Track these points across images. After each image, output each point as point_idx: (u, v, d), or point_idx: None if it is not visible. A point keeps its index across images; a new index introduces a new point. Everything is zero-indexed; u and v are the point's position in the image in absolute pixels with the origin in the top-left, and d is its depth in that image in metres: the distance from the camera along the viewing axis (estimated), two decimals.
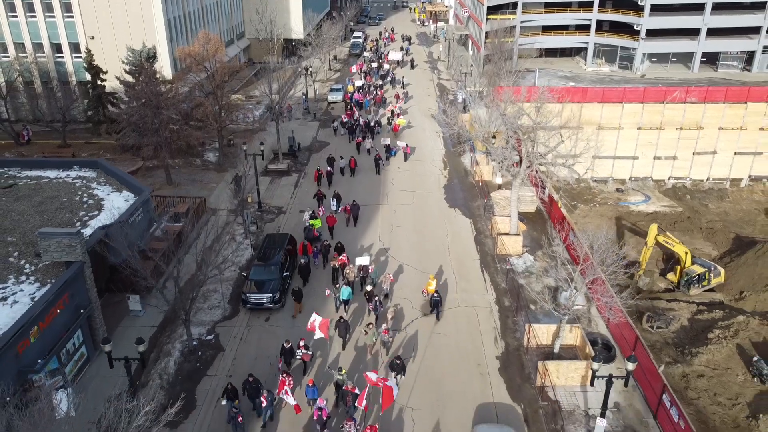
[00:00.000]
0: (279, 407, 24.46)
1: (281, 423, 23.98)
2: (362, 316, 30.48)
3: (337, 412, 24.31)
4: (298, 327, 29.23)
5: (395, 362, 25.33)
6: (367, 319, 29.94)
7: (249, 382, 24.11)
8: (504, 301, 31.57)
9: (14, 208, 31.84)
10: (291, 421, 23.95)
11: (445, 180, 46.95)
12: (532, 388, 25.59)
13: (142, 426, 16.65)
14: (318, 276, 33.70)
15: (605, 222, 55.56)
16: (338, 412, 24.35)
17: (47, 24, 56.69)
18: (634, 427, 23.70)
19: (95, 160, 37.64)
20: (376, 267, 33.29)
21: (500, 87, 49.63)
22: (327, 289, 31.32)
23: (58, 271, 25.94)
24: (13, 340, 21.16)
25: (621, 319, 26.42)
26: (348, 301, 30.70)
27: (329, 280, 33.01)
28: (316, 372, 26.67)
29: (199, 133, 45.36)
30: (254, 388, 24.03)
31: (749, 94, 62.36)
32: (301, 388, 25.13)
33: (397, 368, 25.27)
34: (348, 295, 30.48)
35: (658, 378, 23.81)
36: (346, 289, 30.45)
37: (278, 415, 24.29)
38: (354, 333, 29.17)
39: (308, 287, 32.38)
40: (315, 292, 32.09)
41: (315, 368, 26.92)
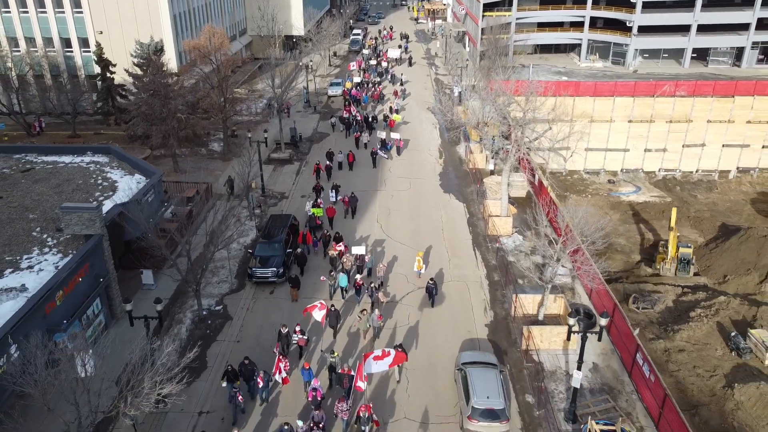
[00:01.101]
0: (276, 389, 25.50)
1: (279, 404, 24.96)
2: (355, 305, 31.34)
3: (331, 394, 25.24)
4: (294, 313, 30.19)
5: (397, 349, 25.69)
6: (360, 306, 30.96)
7: (245, 364, 25.08)
8: (494, 276, 33.66)
9: (34, 189, 33.92)
10: (288, 401, 25.00)
11: (440, 168, 49.05)
12: (518, 352, 27.66)
13: (166, 364, 18.68)
14: (317, 265, 34.64)
15: (596, 211, 57.73)
16: (332, 393, 25.28)
17: (57, 19, 58.72)
18: (610, 384, 25.77)
19: (108, 146, 39.68)
20: (372, 257, 34.27)
21: (493, 81, 51.67)
22: (322, 275, 32.33)
23: (77, 244, 27.94)
24: (41, 301, 23.17)
25: (600, 287, 28.48)
26: (345, 288, 31.96)
27: (328, 269, 33.56)
28: (312, 356, 27.56)
29: (205, 122, 47.36)
30: (250, 370, 24.97)
31: (736, 88, 64.00)
32: (297, 369, 26.05)
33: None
34: (345, 282, 31.74)
35: (633, 340, 25.85)
36: (343, 277, 31.72)
37: (277, 397, 25.25)
38: (347, 320, 30.05)
39: (306, 275, 33.46)
40: (312, 279, 33.12)
41: (311, 353, 27.85)
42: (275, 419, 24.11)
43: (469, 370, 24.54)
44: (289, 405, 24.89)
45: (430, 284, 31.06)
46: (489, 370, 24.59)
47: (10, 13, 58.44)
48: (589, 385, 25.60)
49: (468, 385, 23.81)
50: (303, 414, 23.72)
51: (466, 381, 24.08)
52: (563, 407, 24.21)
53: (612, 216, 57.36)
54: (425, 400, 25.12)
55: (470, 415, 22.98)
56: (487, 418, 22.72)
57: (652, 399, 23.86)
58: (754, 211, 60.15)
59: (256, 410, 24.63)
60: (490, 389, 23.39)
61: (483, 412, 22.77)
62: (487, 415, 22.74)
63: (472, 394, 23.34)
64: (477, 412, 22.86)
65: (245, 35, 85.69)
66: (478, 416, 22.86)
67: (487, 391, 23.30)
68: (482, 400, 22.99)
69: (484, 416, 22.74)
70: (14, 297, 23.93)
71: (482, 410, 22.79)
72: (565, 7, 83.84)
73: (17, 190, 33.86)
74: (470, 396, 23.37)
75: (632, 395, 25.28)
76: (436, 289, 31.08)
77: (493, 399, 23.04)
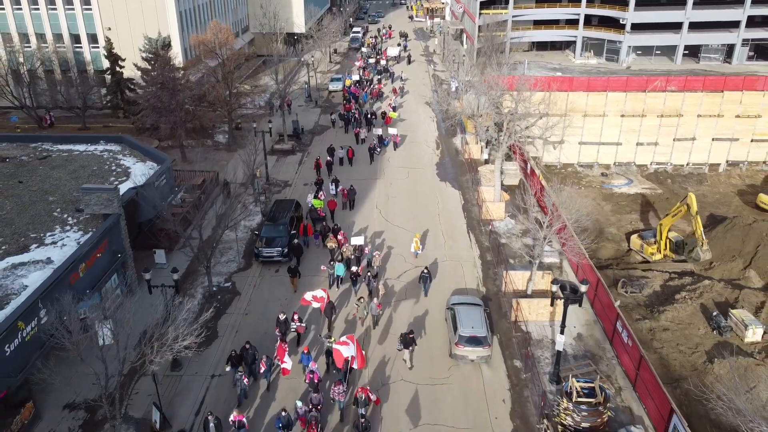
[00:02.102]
0: (276, 371, 26.34)
1: (279, 387, 25.97)
2: (350, 295, 32.38)
3: (328, 377, 26.23)
4: (294, 301, 31.37)
5: (408, 337, 26.86)
6: (358, 295, 31.87)
7: (246, 348, 26.07)
8: (486, 257, 35.66)
9: (51, 175, 35.88)
10: (288, 385, 25.97)
11: (437, 158, 51.08)
12: (508, 323, 29.66)
13: (188, 319, 20.71)
14: (317, 255, 35.81)
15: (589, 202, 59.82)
16: (329, 376, 26.29)
17: (67, 16, 60.70)
18: (592, 351, 27.77)
19: (120, 136, 41.64)
20: (371, 248, 35.19)
21: (488, 74, 53.60)
22: (322, 265, 33.39)
23: (96, 223, 29.88)
24: (67, 272, 25.13)
25: (583, 261, 30.48)
26: (341, 277, 33.07)
27: (327, 259, 34.40)
28: (310, 342, 28.54)
29: (212, 114, 49.33)
30: (251, 354, 25.92)
31: (725, 83, 65.69)
32: (297, 355, 26.92)
33: (408, 342, 26.81)
34: (342, 271, 32.86)
35: (613, 310, 27.83)
36: (340, 266, 32.93)
37: (277, 381, 26.19)
38: (343, 310, 31.01)
39: (305, 265, 34.52)
40: (311, 269, 34.23)
41: (309, 339, 28.90)
42: (275, 402, 25.00)
43: (457, 308, 28.35)
44: (290, 389, 25.76)
45: (424, 273, 31.99)
46: (474, 308, 28.30)
47: (21, 10, 60.42)
48: (573, 352, 27.61)
49: (456, 320, 27.53)
50: (303, 397, 24.40)
51: (454, 317, 27.78)
52: (548, 371, 26.21)
53: (604, 207, 59.85)
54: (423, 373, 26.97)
55: (457, 342, 26.68)
56: (472, 343, 26.47)
57: (629, 362, 25.85)
58: (742, 203, 61.92)
59: (258, 394, 25.59)
60: (474, 321, 27.18)
61: (468, 339, 26.51)
62: (472, 341, 26.49)
63: (459, 325, 27.11)
64: (463, 339, 26.56)
65: (247, 33, 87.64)
66: (464, 342, 26.54)
67: (471, 322, 27.11)
68: (467, 329, 26.75)
69: (469, 342, 26.48)
70: (41, 268, 25.89)
71: (467, 337, 26.54)
72: (561, 5, 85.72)
73: (36, 176, 35.81)
74: (457, 327, 27.09)
75: (612, 360, 27.27)
76: (430, 278, 32.09)
77: (476, 329, 26.84)
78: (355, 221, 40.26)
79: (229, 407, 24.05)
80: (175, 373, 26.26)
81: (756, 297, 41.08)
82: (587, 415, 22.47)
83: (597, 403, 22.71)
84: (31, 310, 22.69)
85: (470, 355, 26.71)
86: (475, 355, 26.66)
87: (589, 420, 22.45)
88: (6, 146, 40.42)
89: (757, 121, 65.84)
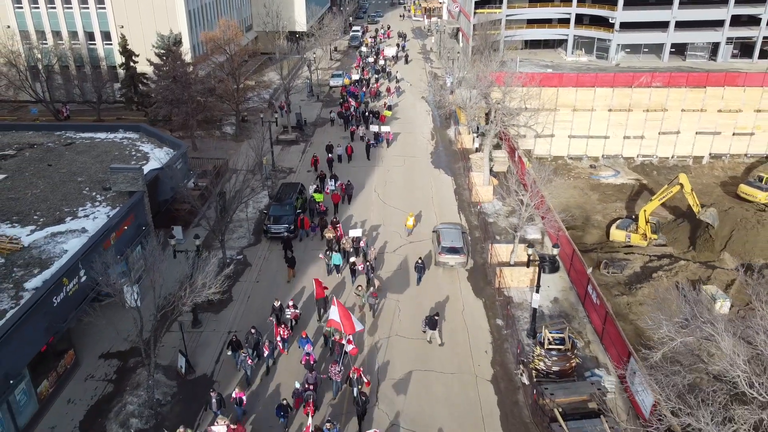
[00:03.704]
0: (278, 355, 28.28)
1: (279, 369, 27.64)
2: (347, 284, 34.01)
3: (325, 358, 27.83)
4: (288, 288, 33.36)
5: (433, 318, 28.60)
6: (356, 284, 33.32)
7: (251, 333, 27.69)
8: (475, 234, 39.09)
9: (77, 159, 39.24)
10: (288, 367, 27.63)
11: (432, 148, 54.52)
12: (492, 289, 33.04)
13: (212, 271, 24.10)
14: (314, 246, 37.70)
15: (578, 192, 63.41)
16: (326, 358, 27.86)
17: (81, 14, 63.99)
18: (567, 312, 31.17)
19: (137, 125, 45.03)
20: (368, 240, 37.05)
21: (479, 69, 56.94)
22: (320, 254, 35.22)
23: (122, 200, 33.19)
24: (101, 238, 28.47)
25: (560, 233, 33.89)
26: (339, 266, 34.86)
27: (324, 250, 35.90)
28: (307, 328, 30.05)
29: (222, 105, 52.70)
30: (255, 339, 27.46)
31: (708, 79, 68.69)
32: (296, 340, 28.66)
33: (433, 323, 28.56)
34: (339, 260, 34.68)
35: (586, 276, 31.17)
36: (336, 256, 34.67)
37: (279, 364, 27.84)
38: (341, 297, 32.29)
39: (303, 255, 36.29)
40: (309, 259, 36.08)
41: (308, 324, 30.53)
42: (273, 384, 26.73)
43: (440, 229, 36.43)
44: (290, 371, 27.35)
45: (418, 264, 33.65)
46: (454, 229, 36.33)
47: (38, 8, 63.75)
48: (549, 313, 31.01)
49: (439, 237, 35.29)
50: (302, 379, 25.65)
51: (438, 235, 35.63)
52: (526, 328, 29.56)
53: (591, 196, 63.28)
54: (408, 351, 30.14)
55: (440, 252, 34.53)
56: (450, 252, 34.42)
57: (598, 320, 29.23)
58: (723, 193, 65.17)
59: (260, 376, 27.23)
60: (453, 237, 35.22)
61: (448, 249, 34.50)
62: (451, 251, 34.45)
63: (441, 240, 34.89)
64: (444, 249, 34.46)
65: (251, 31, 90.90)
66: (445, 252, 34.45)
67: (451, 238, 35.12)
68: (447, 242, 34.73)
69: (449, 252, 34.44)
70: (78, 236, 29.20)
71: (447, 248, 34.53)
72: (553, 5, 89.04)
73: (63, 160, 39.15)
74: (440, 242, 34.75)
75: (584, 319, 30.67)
76: (424, 268, 33.75)
77: (455, 242, 34.76)
78: (353, 214, 42.27)
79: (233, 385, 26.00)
80: (195, 330, 29.63)
81: (727, 276, 44.39)
82: (557, 360, 25.82)
83: (566, 349, 26.07)
84: (73, 269, 26.01)
85: (450, 261, 34.42)
86: (454, 261, 34.46)
87: (558, 364, 25.79)
88: (33, 134, 43.77)
89: (738, 115, 68.94)
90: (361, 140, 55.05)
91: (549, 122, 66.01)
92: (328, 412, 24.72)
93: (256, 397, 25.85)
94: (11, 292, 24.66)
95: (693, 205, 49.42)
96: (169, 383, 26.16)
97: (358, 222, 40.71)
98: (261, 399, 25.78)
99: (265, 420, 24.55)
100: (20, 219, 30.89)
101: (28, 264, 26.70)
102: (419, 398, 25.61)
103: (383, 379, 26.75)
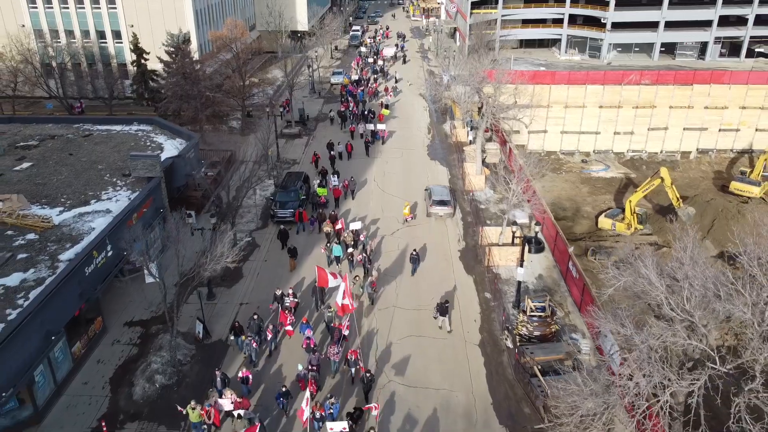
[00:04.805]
0: (280, 340, 29.94)
1: (282, 352, 29.33)
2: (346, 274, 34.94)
3: (324, 342, 29.28)
4: (290, 277, 35.23)
5: (444, 305, 30.30)
6: (354, 274, 34.75)
7: (254, 319, 29.17)
8: (468, 219, 41.94)
9: (96, 149, 42.07)
10: (289, 350, 29.30)
11: (428, 141, 57.40)
12: (482, 267, 35.87)
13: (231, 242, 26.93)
14: (315, 240, 39.39)
15: (569, 185, 66.33)
16: (326, 342, 29.26)
17: (93, 14, 66.85)
18: (550, 287, 34.01)
19: (151, 118, 47.86)
20: (367, 234, 38.90)
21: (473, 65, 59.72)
22: (322, 247, 37.05)
23: (141, 185, 36.01)
24: (124, 217, 31.29)
25: (545, 216, 36.70)
26: (339, 258, 36.41)
27: (324, 243, 37.92)
28: (306, 315, 31.71)
29: (229, 101, 55.55)
30: (257, 324, 28.98)
31: (695, 77, 71.36)
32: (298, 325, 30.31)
33: (444, 310, 30.31)
34: (339, 252, 36.20)
35: (567, 254, 33.98)
36: (337, 247, 36.31)
37: (279, 348, 29.50)
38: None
39: (303, 248, 38.02)
40: (309, 251, 38.02)
41: (306, 312, 31.99)
42: (276, 365, 28.49)
43: (432, 188, 43.45)
44: (291, 354, 28.96)
45: (413, 255, 35.28)
46: (443, 187, 43.84)
47: (52, 8, 66.59)
48: (533, 287, 33.85)
49: (430, 193, 42.49)
50: (303, 362, 27.19)
51: (430, 192, 42.79)
52: (512, 300, 32.40)
53: (582, 189, 66.14)
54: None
55: (431, 204, 41.48)
56: (440, 204, 41.48)
57: (577, 292, 32.05)
58: (711, 185, 67.94)
59: (263, 359, 28.89)
60: (442, 193, 42.56)
61: (437, 202, 41.57)
62: (440, 203, 41.53)
63: (433, 195, 42.13)
64: (435, 202, 41.52)
65: (254, 30, 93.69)
66: (435, 204, 41.40)
67: (440, 193, 42.46)
68: (438, 196, 41.98)
69: (438, 204, 41.50)
70: (103, 215, 32.01)
71: (437, 201, 41.61)
72: (547, 5, 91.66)
73: (83, 150, 41.97)
74: (431, 196, 41.96)
75: (565, 293, 33.51)
76: (418, 260, 35.46)
77: (443, 196, 41.94)
78: (355, 207, 44.33)
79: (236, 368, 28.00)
80: (210, 302, 32.43)
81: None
82: (538, 325, 28.64)
83: (546, 316, 28.90)
84: (101, 244, 28.85)
85: (439, 212, 41.48)
86: (443, 212, 41.55)
87: (539, 329, 28.60)
88: (52, 126, 46.59)
89: (724, 112, 71.69)
90: (360, 138, 56.96)
91: (542, 118, 68.91)
92: (330, 389, 26.74)
93: (260, 378, 27.48)
94: (48, 263, 27.51)
95: (672, 199, 52.23)
96: (188, 346, 28.96)
97: (358, 214, 42.84)
98: (265, 379, 27.49)
99: (269, 400, 26.07)
100: (49, 201, 33.77)
101: (60, 239, 29.55)
102: (414, 360, 28.44)
103: (382, 345, 29.56)
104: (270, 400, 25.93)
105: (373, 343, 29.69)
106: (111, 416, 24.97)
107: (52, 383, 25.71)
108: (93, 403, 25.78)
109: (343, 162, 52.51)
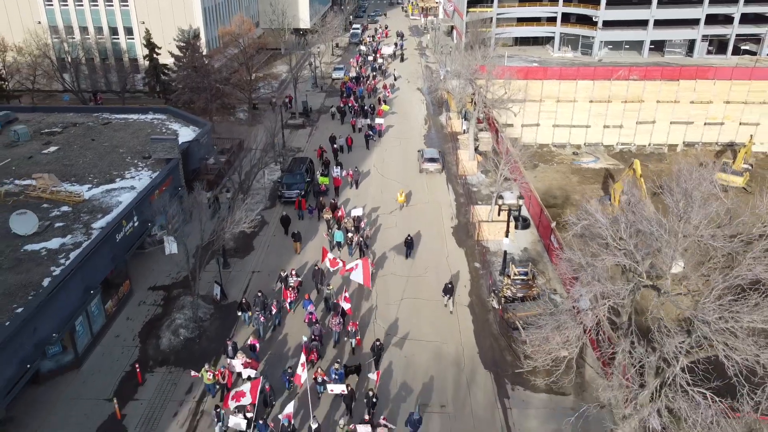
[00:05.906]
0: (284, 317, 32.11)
1: (286, 326, 31.45)
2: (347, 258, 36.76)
3: (326, 317, 31.27)
4: (295, 259, 37.64)
5: (447, 286, 32.32)
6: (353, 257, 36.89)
7: (258, 296, 31.01)
8: (460, 200, 45.30)
9: (116, 135, 45.40)
10: (292, 324, 31.41)
11: (425, 131, 60.83)
12: (473, 241, 39.19)
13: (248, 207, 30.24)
14: (315, 227, 41.63)
15: (560, 175, 69.66)
16: (327, 316, 31.24)
17: (106, 11, 70.16)
18: (534, 258, 37.36)
19: (165, 107, 51.25)
20: (367, 221, 41.02)
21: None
22: (325, 232, 39.54)
23: (161, 166, 39.32)
24: (147, 193, 34.60)
25: (530, 194, 40.06)
26: (340, 243, 38.52)
27: (325, 229, 40.49)
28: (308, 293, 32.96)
29: (238, 93, 58.91)
30: (262, 301, 30.82)
31: (681, 73, 74.23)
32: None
33: (448, 290, 32.19)
34: (341, 237, 38.45)
35: (550, 229, 37.30)
36: (339, 233, 38.65)
37: (282, 324, 31.63)
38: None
39: (307, 231, 40.42)
40: (312, 236, 40.39)
41: (308, 291, 33.41)
42: (281, 337, 30.75)
43: (423, 149, 51.51)
44: (294, 327, 31.23)
45: (408, 239, 37.39)
46: (433, 149, 51.57)
47: (67, 5, 69.93)
48: (518, 258, 37.18)
49: (422, 153, 50.49)
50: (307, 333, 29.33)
51: (422, 152, 50.97)
52: (498, 268, 35.72)
53: (572, 179, 69.29)
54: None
55: (422, 162, 49.31)
56: (430, 162, 49.34)
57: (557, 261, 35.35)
58: None
59: (269, 332, 31.11)
60: (432, 152, 50.66)
61: (428, 159, 49.46)
62: (430, 160, 49.39)
63: (424, 154, 49.98)
64: (426, 159, 49.38)
65: (258, 28, 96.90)
66: (426, 161, 49.21)
67: (431, 153, 50.52)
68: (429, 154, 50.03)
69: (429, 161, 49.38)
70: (128, 191, 35.35)
71: (428, 158, 49.48)
72: (541, 4, 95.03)
73: (104, 136, 45.28)
74: (423, 156, 49.64)
75: (547, 263, 36.87)
76: (412, 244, 37.57)
77: (432, 155, 49.89)
78: (357, 194, 46.97)
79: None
80: (225, 270, 35.73)
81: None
82: (521, 287, 31.97)
83: (528, 280, 32.24)
84: (128, 214, 32.18)
85: (430, 167, 48.96)
86: (432, 168, 49.11)
87: (522, 291, 31.92)
88: (73, 115, 49.93)
89: (709, 106, 74.65)
90: (360, 132, 59.55)
91: (534, 112, 72.10)
92: (333, 358, 29.06)
93: (266, 348, 29.78)
94: (82, 230, 30.84)
95: (641, 190, 55.22)
96: (207, 306, 32.29)
97: (359, 202, 44.62)
98: (271, 348, 29.96)
99: (274, 366, 28.55)
100: (78, 180, 37.12)
101: (92, 211, 32.90)
102: (409, 317, 31.79)
103: (381, 304, 32.89)
104: (275, 367, 28.44)
105: (372, 314, 32.64)
106: (142, 362, 28.29)
107: (89, 334, 29.02)
108: (125, 352, 29.14)
109: (344, 154, 54.88)
